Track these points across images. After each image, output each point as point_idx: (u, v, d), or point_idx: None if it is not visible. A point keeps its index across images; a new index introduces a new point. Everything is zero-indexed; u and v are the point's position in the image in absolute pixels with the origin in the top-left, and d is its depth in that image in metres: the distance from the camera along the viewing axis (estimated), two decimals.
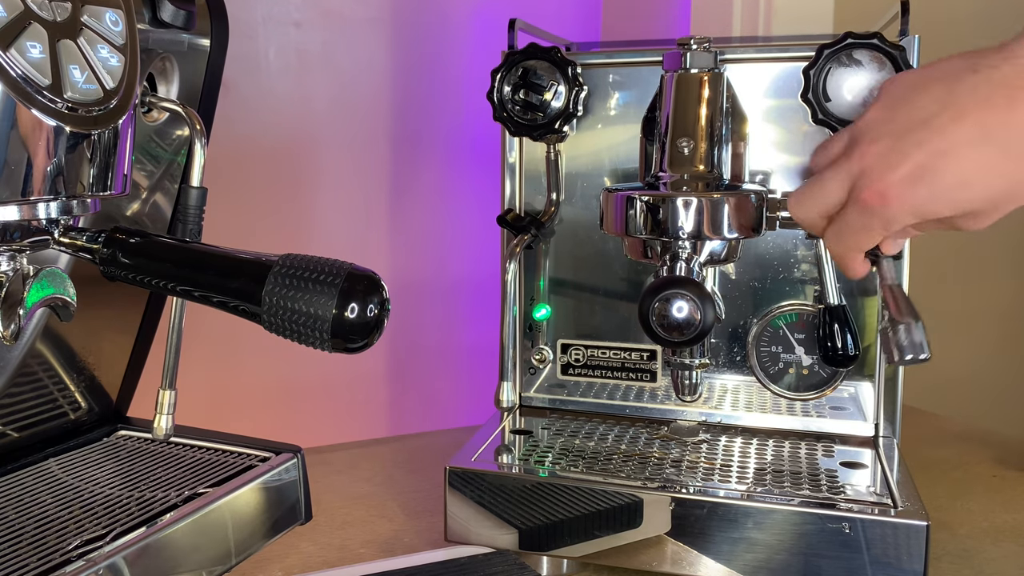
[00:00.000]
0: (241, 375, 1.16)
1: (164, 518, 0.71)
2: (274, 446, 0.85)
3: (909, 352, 0.69)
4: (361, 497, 1.01)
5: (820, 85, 0.81)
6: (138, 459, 0.84)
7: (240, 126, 1.12)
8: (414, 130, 1.24)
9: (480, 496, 0.82)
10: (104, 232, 0.58)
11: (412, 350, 1.28)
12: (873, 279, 0.89)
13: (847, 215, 0.65)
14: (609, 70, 0.95)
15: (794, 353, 0.92)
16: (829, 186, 0.66)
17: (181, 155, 0.81)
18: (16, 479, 0.78)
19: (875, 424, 0.91)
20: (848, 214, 0.65)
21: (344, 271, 0.52)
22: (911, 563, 0.72)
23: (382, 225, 1.24)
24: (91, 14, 0.56)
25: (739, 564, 0.76)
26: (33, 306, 0.59)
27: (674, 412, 0.97)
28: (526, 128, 0.91)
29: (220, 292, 0.55)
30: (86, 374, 0.85)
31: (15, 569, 0.63)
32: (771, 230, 0.87)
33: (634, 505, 0.79)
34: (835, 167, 0.66)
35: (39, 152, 0.53)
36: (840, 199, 0.66)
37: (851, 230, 0.65)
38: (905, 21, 0.85)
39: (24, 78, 0.51)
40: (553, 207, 0.96)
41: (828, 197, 0.66)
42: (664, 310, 0.74)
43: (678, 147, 0.84)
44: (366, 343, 0.53)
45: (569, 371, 0.99)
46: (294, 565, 0.85)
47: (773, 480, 0.81)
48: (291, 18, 1.15)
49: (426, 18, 1.24)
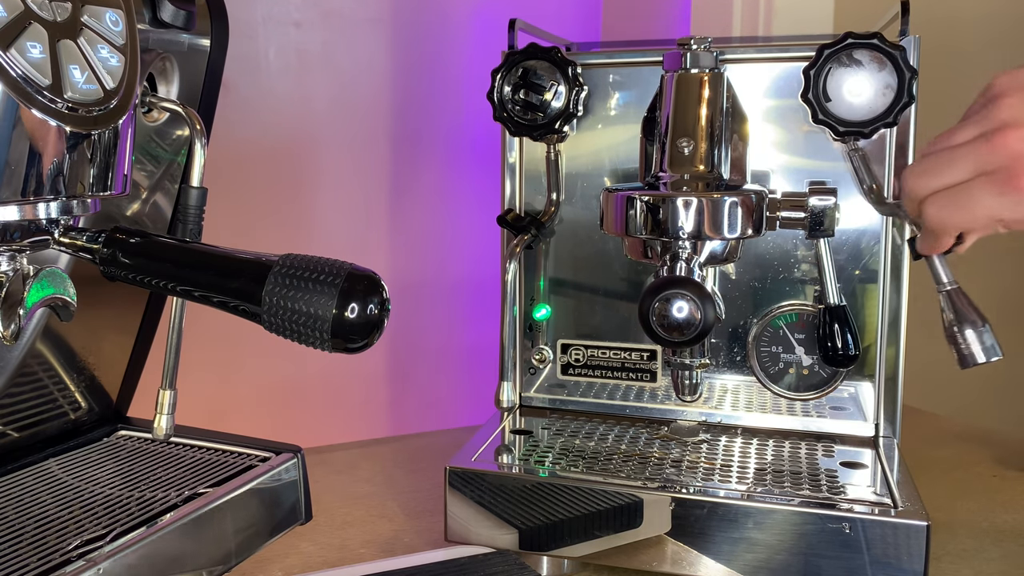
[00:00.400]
0: (241, 375, 1.16)
1: (164, 518, 0.71)
2: (274, 446, 0.85)
3: (982, 355, 0.70)
4: (361, 497, 1.01)
5: (820, 85, 0.81)
6: (138, 459, 0.84)
7: (240, 126, 1.12)
8: (414, 130, 1.24)
9: (480, 496, 0.82)
10: (104, 232, 0.58)
11: (412, 350, 1.28)
12: (871, 280, 0.89)
13: (978, 194, 0.65)
14: (609, 70, 0.95)
15: (794, 353, 0.92)
16: (959, 164, 0.66)
17: (181, 155, 0.81)
18: (16, 479, 0.78)
19: (875, 424, 0.91)
20: (980, 193, 0.65)
21: (344, 271, 0.52)
22: (911, 563, 0.72)
23: (382, 225, 1.24)
24: (91, 14, 0.56)
25: (739, 564, 0.76)
26: (33, 306, 0.59)
27: (674, 412, 0.97)
28: (526, 128, 0.91)
29: (220, 292, 0.55)
30: (86, 374, 0.85)
31: (15, 569, 0.63)
32: (771, 230, 0.87)
33: (634, 505, 0.79)
34: (968, 148, 0.65)
35: (39, 152, 0.53)
36: (962, 179, 0.66)
37: (975, 206, 0.65)
38: (905, 21, 0.85)
39: (24, 78, 0.51)
40: (553, 207, 0.96)
41: (953, 175, 0.66)
42: (664, 310, 0.74)
43: (678, 147, 0.83)
44: (366, 343, 0.53)
45: (569, 371, 0.99)
46: (294, 565, 0.85)
47: (773, 480, 0.81)
48: (291, 18, 1.15)
49: (426, 18, 1.24)
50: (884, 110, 0.80)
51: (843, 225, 0.89)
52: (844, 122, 0.81)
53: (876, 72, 0.80)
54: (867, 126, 0.81)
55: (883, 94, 0.80)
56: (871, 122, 0.80)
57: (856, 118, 0.81)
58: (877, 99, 0.80)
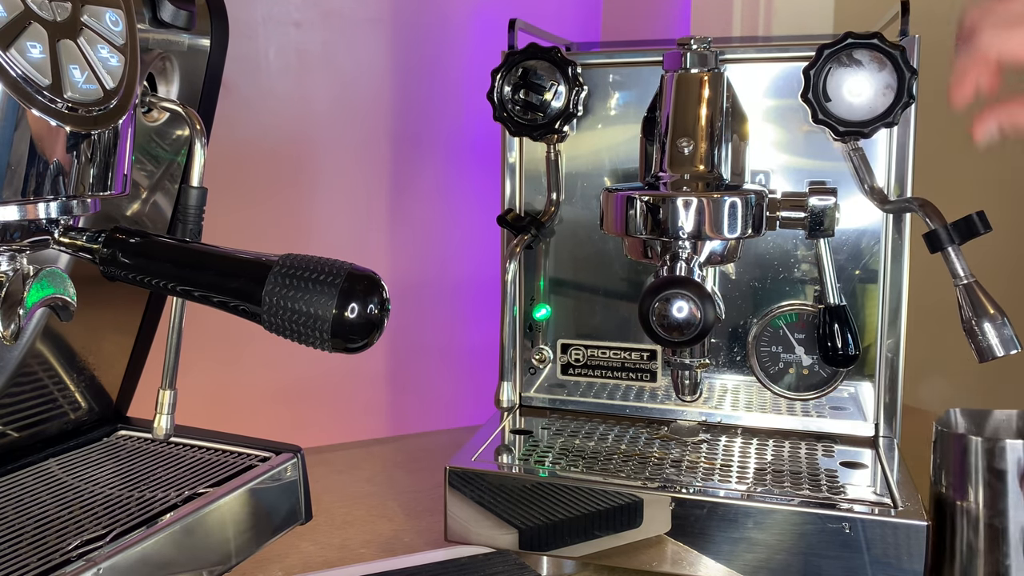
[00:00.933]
0: (241, 375, 1.16)
1: (164, 518, 0.71)
2: (274, 446, 0.85)
3: (1001, 349, 0.70)
4: (361, 497, 1.01)
5: (820, 85, 0.81)
6: (138, 459, 0.84)
7: (240, 126, 1.12)
8: (414, 130, 1.24)
9: (480, 496, 0.82)
10: (104, 232, 0.58)
11: (412, 350, 1.28)
12: (871, 280, 0.89)
13: None
14: (609, 70, 0.95)
15: (794, 353, 0.92)
16: None
17: (181, 155, 0.81)
18: (16, 479, 0.78)
19: (875, 424, 0.91)
20: None
21: (344, 271, 0.52)
22: (911, 563, 0.72)
23: (382, 225, 1.24)
24: (91, 14, 0.56)
25: (739, 564, 0.76)
26: (33, 306, 0.59)
27: (674, 412, 0.97)
28: (526, 128, 0.91)
29: (220, 292, 0.55)
30: (86, 374, 0.85)
31: (15, 569, 0.63)
32: (771, 230, 0.87)
33: (634, 505, 0.79)
34: None
35: (39, 152, 0.53)
36: None
37: None
38: (905, 21, 0.85)
39: (24, 78, 0.51)
40: (553, 207, 0.96)
41: None
42: (664, 310, 0.74)
43: (678, 147, 0.83)
44: (366, 343, 0.53)
45: (569, 371, 0.99)
46: (294, 565, 0.85)
47: (773, 480, 0.81)
48: (291, 18, 1.15)
49: (426, 18, 1.24)
50: (884, 110, 0.80)
51: (843, 225, 0.89)
52: (844, 122, 0.81)
53: (876, 72, 0.80)
54: (867, 126, 0.81)
55: (883, 94, 0.80)
56: (871, 122, 0.80)
57: (856, 118, 0.81)
58: (877, 99, 0.80)
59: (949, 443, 0.76)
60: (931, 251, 0.76)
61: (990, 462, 0.73)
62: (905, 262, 0.88)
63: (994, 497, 0.73)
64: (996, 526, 0.73)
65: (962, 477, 0.74)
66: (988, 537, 0.73)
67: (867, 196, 0.86)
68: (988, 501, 0.73)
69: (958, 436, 0.75)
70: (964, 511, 0.74)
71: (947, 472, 0.76)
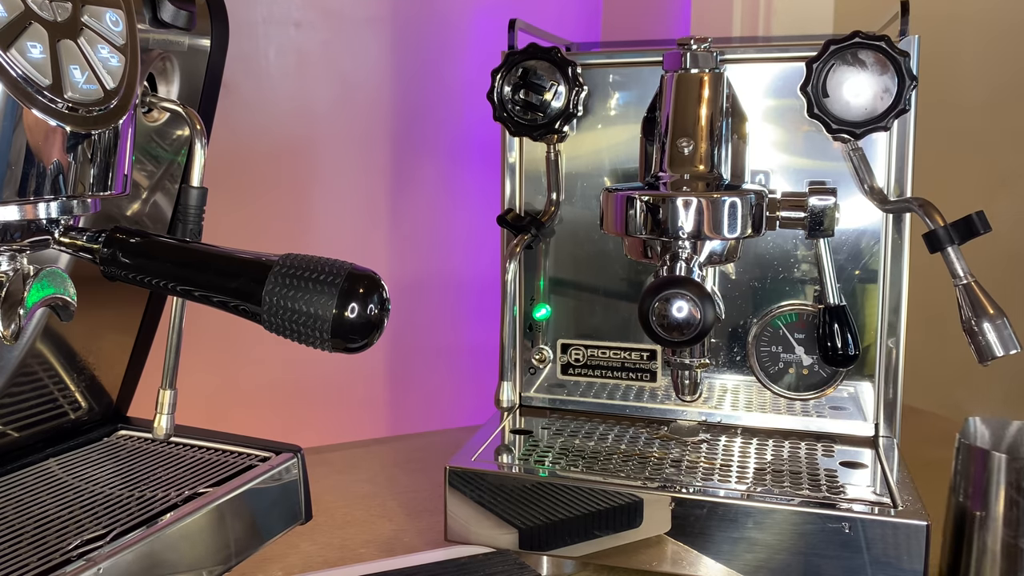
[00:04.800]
0: (241, 375, 1.16)
1: (164, 518, 0.71)
2: (274, 446, 0.85)
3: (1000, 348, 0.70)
4: (361, 497, 1.01)
5: (821, 80, 0.81)
6: (138, 459, 0.84)
7: (240, 126, 1.12)
8: (414, 130, 1.24)
9: (480, 496, 0.83)
10: (104, 232, 0.58)
11: (412, 350, 1.28)
12: (871, 280, 0.89)
13: None
14: (609, 70, 0.95)
15: (794, 353, 0.92)
16: None
17: (181, 155, 0.81)
18: (16, 479, 0.78)
19: (875, 424, 0.91)
20: None
21: (344, 271, 0.52)
22: (911, 563, 0.72)
23: (382, 224, 1.24)
24: (91, 14, 0.56)
25: (739, 564, 0.76)
26: (33, 306, 0.59)
27: (674, 412, 0.97)
28: (526, 128, 0.91)
29: (220, 292, 0.55)
30: (86, 374, 0.85)
31: (15, 569, 0.63)
32: (771, 230, 0.87)
33: (634, 505, 0.79)
34: None
35: (39, 152, 0.53)
36: None
37: None
38: (905, 21, 0.85)
39: (24, 78, 0.51)
40: (553, 207, 0.96)
41: None
42: (664, 310, 0.74)
43: (678, 147, 0.84)
44: (366, 343, 0.53)
45: (569, 371, 0.99)
46: (294, 565, 0.85)
47: (773, 480, 0.81)
48: (291, 18, 1.15)
49: (426, 18, 1.24)
50: (879, 114, 0.80)
51: (843, 225, 0.89)
52: (837, 120, 0.81)
53: (877, 75, 0.80)
54: (859, 127, 0.81)
55: (880, 97, 0.80)
56: (864, 123, 0.80)
57: (850, 117, 0.81)
58: (874, 101, 0.80)
59: (971, 457, 0.76)
60: (931, 251, 0.76)
61: (1013, 480, 0.73)
62: (905, 262, 0.89)
63: (1017, 516, 0.73)
64: (1016, 545, 0.73)
65: (983, 491, 0.74)
66: (1005, 555, 0.73)
67: (867, 196, 0.86)
68: (1008, 519, 0.73)
69: (981, 451, 0.75)
70: (983, 525, 0.74)
71: (967, 483, 0.76)
